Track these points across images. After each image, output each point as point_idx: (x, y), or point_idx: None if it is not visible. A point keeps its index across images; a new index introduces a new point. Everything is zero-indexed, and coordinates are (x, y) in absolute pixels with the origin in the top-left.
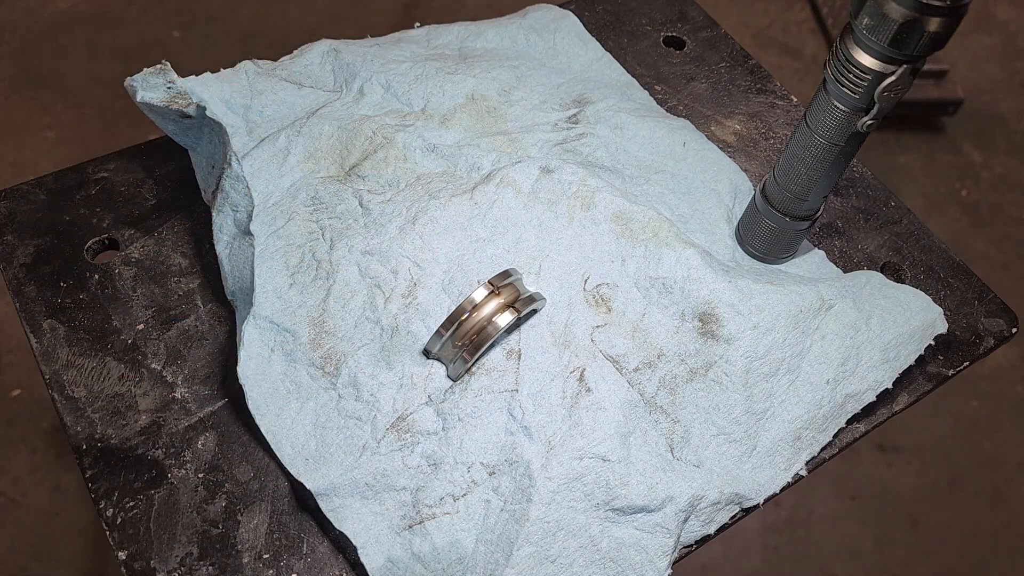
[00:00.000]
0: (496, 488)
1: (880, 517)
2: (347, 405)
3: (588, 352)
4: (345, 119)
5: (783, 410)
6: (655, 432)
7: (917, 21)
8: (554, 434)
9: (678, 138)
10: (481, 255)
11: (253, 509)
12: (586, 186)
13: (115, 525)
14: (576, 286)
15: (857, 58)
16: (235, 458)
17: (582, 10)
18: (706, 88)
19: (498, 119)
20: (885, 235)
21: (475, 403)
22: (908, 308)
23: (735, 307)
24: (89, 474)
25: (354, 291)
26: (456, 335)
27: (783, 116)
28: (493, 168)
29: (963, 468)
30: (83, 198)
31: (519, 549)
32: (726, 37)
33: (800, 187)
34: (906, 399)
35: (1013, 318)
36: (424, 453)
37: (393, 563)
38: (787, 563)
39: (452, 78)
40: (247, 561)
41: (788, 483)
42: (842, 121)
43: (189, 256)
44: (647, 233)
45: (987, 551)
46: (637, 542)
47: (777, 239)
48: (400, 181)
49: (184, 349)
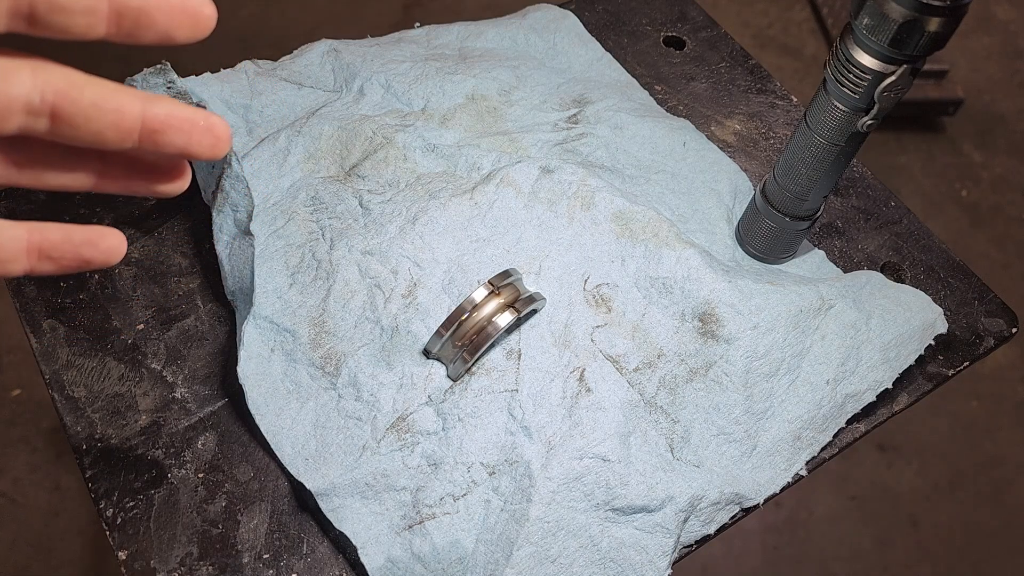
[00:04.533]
0: (496, 488)
1: (880, 517)
2: (347, 405)
3: (588, 352)
4: (345, 119)
5: (783, 410)
6: (655, 432)
7: (917, 21)
8: (554, 434)
9: (678, 138)
10: (481, 255)
11: (253, 509)
12: (586, 186)
13: (115, 525)
14: (576, 286)
15: (857, 58)
16: (235, 458)
17: (582, 10)
18: (706, 88)
19: (498, 119)
20: (885, 235)
21: (475, 403)
22: (908, 308)
23: (735, 307)
24: (89, 474)
25: (354, 291)
26: (456, 335)
27: (783, 116)
28: (493, 168)
29: (963, 468)
30: (83, 198)
31: (519, 549)
32: (726, 37)
33: (800, 187)
34: (906, 399)
35: (1013, 318)
36: (424, 453)
37: (393, 563)
38: (787, 563)
39: (452, 78)
40: (247, 561)
41: (788, 483)
42: (842, 121)
43: (189, 256)
44: (647, 233)
45: (987, 551)
46: (637, 542)
47: (777, 239)
48: (400, 181)
49: (184, 349)
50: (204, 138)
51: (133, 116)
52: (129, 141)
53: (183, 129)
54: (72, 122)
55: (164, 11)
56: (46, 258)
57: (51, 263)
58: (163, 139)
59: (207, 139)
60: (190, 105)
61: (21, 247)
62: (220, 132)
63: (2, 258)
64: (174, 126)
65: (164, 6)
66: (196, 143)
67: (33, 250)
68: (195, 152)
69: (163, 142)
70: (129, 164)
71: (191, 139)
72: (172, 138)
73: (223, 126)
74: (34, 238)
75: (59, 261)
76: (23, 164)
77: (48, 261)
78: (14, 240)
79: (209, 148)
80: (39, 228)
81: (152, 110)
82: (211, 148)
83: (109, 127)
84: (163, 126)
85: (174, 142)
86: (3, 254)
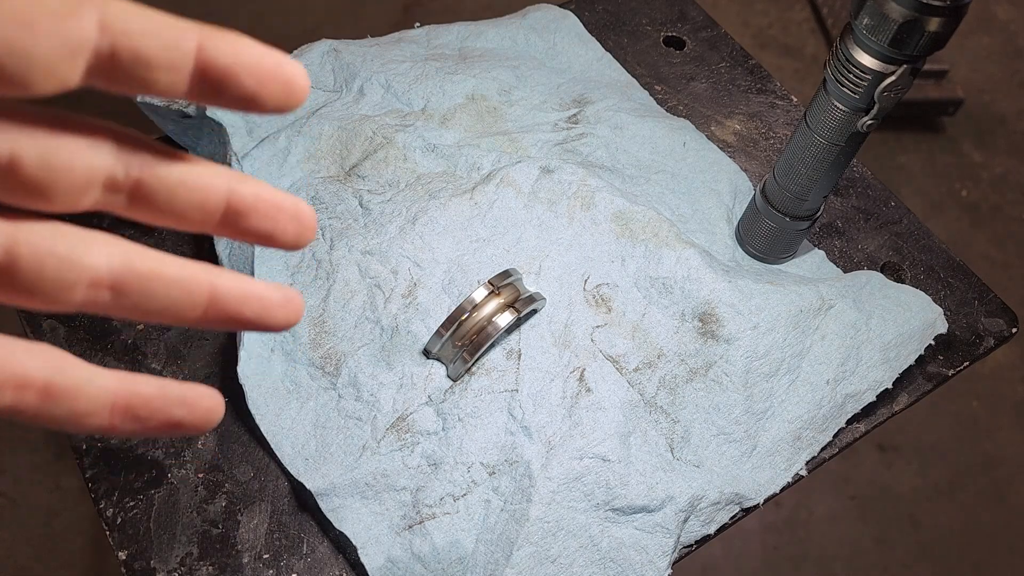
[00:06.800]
0: (496, 488)
1: (880, 517)
2: (347, 405)
3: (588, 352)
4: (345, 119)
5: (783, 410)
6: (655, 432)
7: (917, 21)
8: (554, 434)
9: (678, 138)
10: (481, 255)
11: (253, 509)
12: (586, 186)
13: (115, 525)
14: (576, 286)
15: (857, 58)
16: (235, 458)
17: (582, 10)
18: (706, 88)
19: (498, 119)
20: (885, 235)
21: (475, 403)
22: (908, 308)
23: (735, 307)
24: (89, 474)
25: (354, 291)
26: (456, 335)
27: (783, 116)
28: (493, 168)
29: (963, 468)
30: None
31: (519, 549)
32: (726, 37)
33: (800, 187)
34: (906, 399)
35: (1013, 318)
36: (424, 453)
37: (393, 563)
38: (787, 563)
39: (452, 78)
40: (247, 561)
41: (788, 483)
42: (842, 121)
43: (189, 256)
44: (647, 233)
45: (987, 551)
46: (637, 542)
47: (777, 239)
48: (400, 181)
49: (184, 349)
50: (290, 226)
51: (219, 195)
52: (211, 223)
53: (269, 214)
54: (155, 198)
55: (253, 75)
56: (132, 417)
57: (134, 423)
58: (247, 223)
59: (292, 227)
60: (276, 189)
61: (107, 401)
62: (307, 221)
63: (81, 410)
64: (260, 210)
65: (255, 70)
66: (281, 231)
67: (120, 406)
68: (279, 240)
69: (246, 227)
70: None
71: (276, 226)
72: (257, 223)
73: (310, 214)
74: (123, 391)
75: (145, 422)
76: None
77: (132, 420)
78: (101, 392)
79: (294, 237)
80: (130, 380)
81: (239, 191)
82: (296, 237)
83: (194, 207)
84: (249, 209)
85: (258, 227)
86: (84, 406)
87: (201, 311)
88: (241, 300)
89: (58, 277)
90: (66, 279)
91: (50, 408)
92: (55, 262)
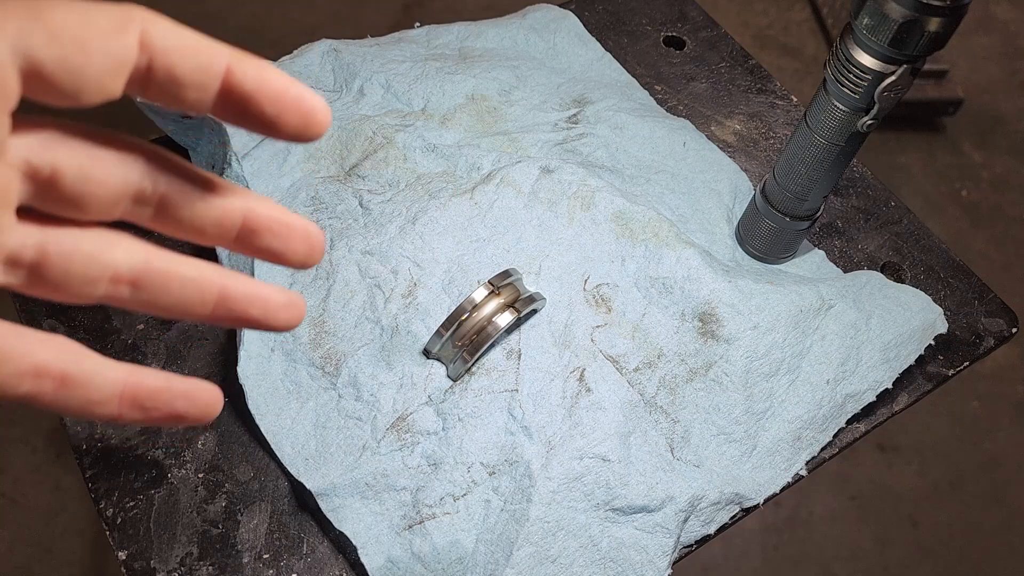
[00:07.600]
0: (496, 488)
1: (880, 517)
2: (347, 405)
3: (588, 352)
4: (345, 119)
5: (783, 410)
6: (655, 432)
7: (917, 21)
8: (554, 434)
9: (678, 138)
10: (481, 255)
11: (253, 509)
12: (586, 186)
13: (115, 525)
14: (576, 286)
15: (857, 58)
16: (235, 458)
17: (582, 10)
18: (706, 88)
19: (498, 119)
20: (885, 235)
21: (475, 403)
22: (908, 308)
23: (735, 307)
24: (89, 474)
25: (354, 291)
26: (456, 335)
27: (783, 116)
28: (493, 168)
29: (963, 468)
30: None
31: (519, 549)
32: (726, 37)
33: (800, 187)
34: (906, 399)
35: (1013, 318)
36: (424, 453)
37: (393, 563)
38: (787, 563)
39: (452, 78)
40: (247, 561)
41: (788, 483)
42: (842, 121)
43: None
44: (647, 233)
45: (987, 551)
46: (637, 542)
47: (777, 239)
48: (400, 181)
49: (184, 349)
50: (300, 246)
51: (236, 214)
52: (227, 239)
53: (281, 234)
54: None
55: (275, 102)
56: (138, 407)
57: (140, 412)
58: (260, 242)
59: (302, 248)
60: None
61: (116, 391)
62: (315, 243)
63: (93, 399)
64: (273, 230)
65: (277, 98)
66: (292, 251)
67: (127, 396)
68: (288, 259)
69: (259, 245)
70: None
71: (288, 245)
72: (269, 242)
73: (319, 236)
74: (131, 382)
75: (150, 412)
76: None
77: (138, 410)
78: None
79: (303, 257)
80: (138, 372)
81: (255, 210)
82: (304, 258)
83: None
84: (263, 228)
85: (270, 246)
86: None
87: (210, 309)
88: (248, 301)
89: (83, 273)
90: (90, 275)
91: (65, 396)
92: (81, 259)
